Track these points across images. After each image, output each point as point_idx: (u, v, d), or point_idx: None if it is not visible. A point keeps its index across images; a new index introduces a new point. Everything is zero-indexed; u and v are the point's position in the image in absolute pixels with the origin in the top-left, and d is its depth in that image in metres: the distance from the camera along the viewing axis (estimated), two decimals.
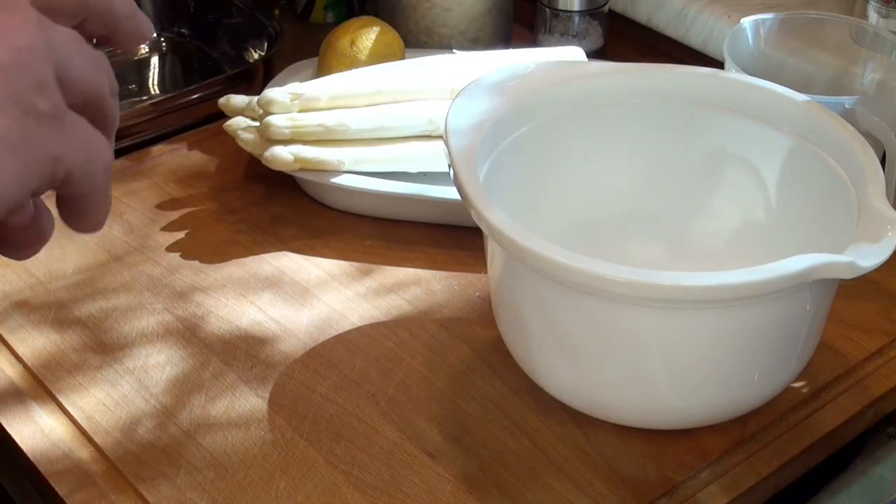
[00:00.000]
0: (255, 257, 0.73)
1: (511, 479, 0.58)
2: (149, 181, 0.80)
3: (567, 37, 0.92)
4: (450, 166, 0.59)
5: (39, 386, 0.64)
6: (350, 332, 0.68)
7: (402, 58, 0.87)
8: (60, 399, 0.63)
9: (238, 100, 0.78)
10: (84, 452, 0.60)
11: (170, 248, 0.74)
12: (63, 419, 0.62)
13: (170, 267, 0.72)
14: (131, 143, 0.84)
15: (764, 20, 0.78)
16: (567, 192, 0.68)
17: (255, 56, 0.96)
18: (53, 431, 0.61)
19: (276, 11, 1.05)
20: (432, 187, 0.75)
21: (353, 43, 0.85)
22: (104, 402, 0.62)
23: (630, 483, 0.58)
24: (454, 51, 0.90)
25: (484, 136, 0.61)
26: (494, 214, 0.55)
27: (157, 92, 0.99)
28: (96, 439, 0.60)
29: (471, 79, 0.65)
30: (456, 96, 0.63)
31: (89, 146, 0.37)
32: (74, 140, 0.36)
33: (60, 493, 0.58)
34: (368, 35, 0.86)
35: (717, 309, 0.53)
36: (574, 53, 0.84)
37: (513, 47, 0.95)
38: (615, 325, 0.55)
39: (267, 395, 0.63)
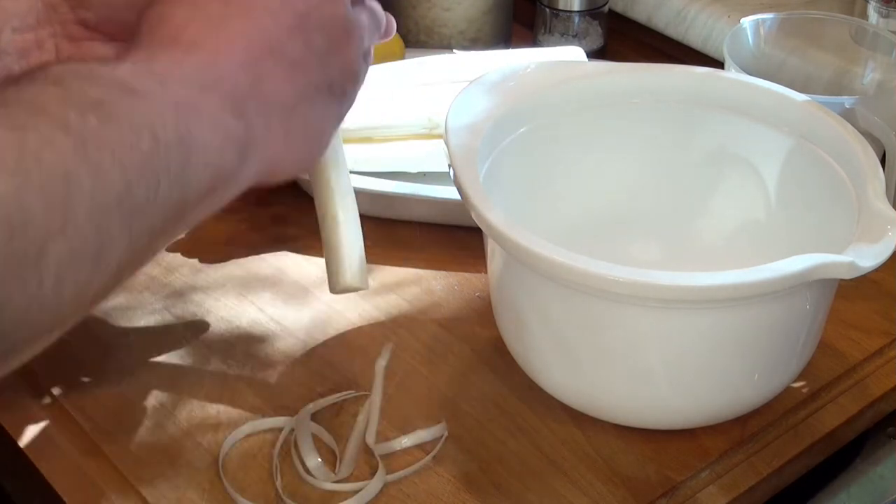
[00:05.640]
0: (255, 257, 0.73)
1: (511, 479, 0.58)
2: None
3: (567, 37, 0.92)
4: (450, 166, 0.59)
5: (39, 386, 0.64)
6: (350, 331, 0.68)
7: (402, 58, 0.87)
8: (60, 399, 0.63)
9: None
10: (84, 452, 0.60)
11: (169, 248, 0.74)
12: (63, 419, 0.62)
13: (169, 266, 0.72)
14: None
15: (764, 20, 0.78)
16: (567, 192, 0.68)
17: None
18: (53, 431, 0.61)
19: None
20: (432, 187, 0.74)
21: None
22: (104, 402, 0.62)
23: (630, 483, 0.58)
24: (454, 51, 0.90)
25: (484, 135, 0.61)
26: (494, 214, 0.55)
27: None
28: (96, 439, 0.60)
29: (471, 79, 0.65)
30: (456, 96, 0.63)
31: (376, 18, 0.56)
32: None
33: (60, 492, 0.58)
34: None
35: (717, 309, 0.53)
36: (574, 53, 0.84)
37: (513, 47, 0.95)
38: (615, 325, 0.55)
39: (267, 395, 0.63)
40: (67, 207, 0.37)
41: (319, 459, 0.59)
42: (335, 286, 0.60)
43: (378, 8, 0.57)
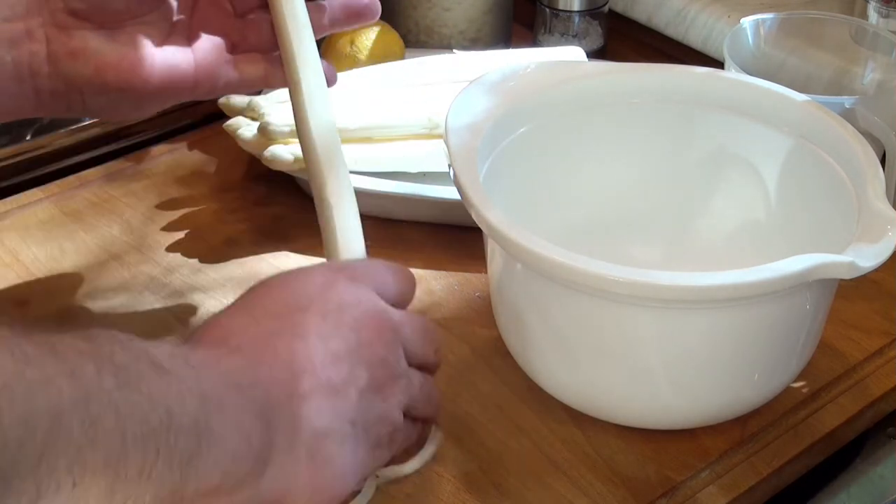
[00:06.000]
0: (255, 257, 0.73)
1: (511, 479, 0.58)
2: (149, 181, 0.80)
3: (567, 37, 0.92)
4: (450, 166, 0.59)
5: None
6: None
7: (402, 58, 0.87)
8: None
9: (238, 100, 0.78)
10: None
11: (169, 248, 0.74)
12: None
13: (169, 267, 0.72)
14: (131, 143, 0.84)
15: (764, 20, 0.78)
16: (566, 192, 0.68)
17: None
18: None
19: None
20: (432, 187, 0.74)
21: (352, 43, 0.85)
22: None
23: (630, 483, 0.58)
24: (454, 51, 0.90)
25: (484, 135, 0.61)
26: (494, 214, 0.55)
27: None
28: None
29: (471, 79, 0.65)
30: (456, 96, 0.63)
31: (428, 390, 0.53)
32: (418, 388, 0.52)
33: None
34: (368, 35, 0.86)
35: (717, 309, 0.53)
36: (574, 53, 0.84)
37: (513, 47, 0.95)
38: (614, 325, 0.55)
39: None
40: (47, 448, 0.34)
41: None
42: None
43: (430, 379, 0.54)
